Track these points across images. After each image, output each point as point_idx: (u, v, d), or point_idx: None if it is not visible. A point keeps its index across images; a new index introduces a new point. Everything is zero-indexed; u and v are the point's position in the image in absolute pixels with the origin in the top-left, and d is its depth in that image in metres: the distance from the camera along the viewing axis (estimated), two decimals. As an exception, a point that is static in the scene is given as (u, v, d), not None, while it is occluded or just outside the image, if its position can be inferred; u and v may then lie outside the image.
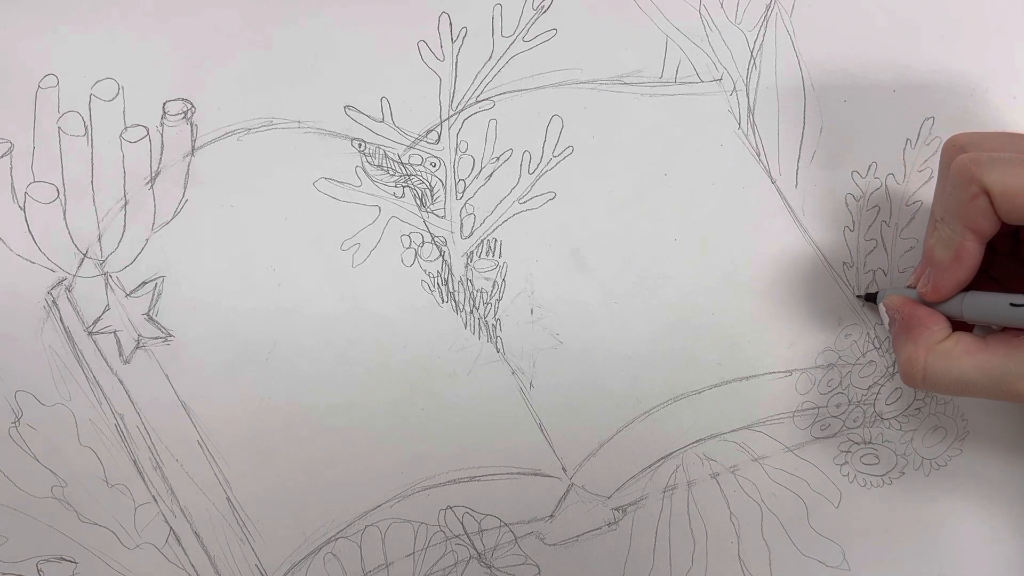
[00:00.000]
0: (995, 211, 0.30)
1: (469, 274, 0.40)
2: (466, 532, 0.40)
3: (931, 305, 0.34)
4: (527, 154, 0.40)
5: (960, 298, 0.33)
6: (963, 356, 0.32)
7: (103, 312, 0.40)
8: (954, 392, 0.33)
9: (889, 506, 0.40)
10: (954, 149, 0.33)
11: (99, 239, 0.40)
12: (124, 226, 0.40)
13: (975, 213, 0.31)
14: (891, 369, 0.40)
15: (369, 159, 0.40)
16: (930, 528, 0.40)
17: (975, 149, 0.32)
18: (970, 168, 0.30)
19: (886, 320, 0.37)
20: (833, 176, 0.40)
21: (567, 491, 0.40)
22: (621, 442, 0.40)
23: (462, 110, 0.41)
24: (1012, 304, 0.31)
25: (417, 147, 0.41)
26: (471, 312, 0.40)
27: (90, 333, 0.40)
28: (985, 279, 0.35)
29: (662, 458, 0.40)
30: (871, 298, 0.39)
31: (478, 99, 0.41)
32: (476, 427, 0.40)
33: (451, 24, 0.41)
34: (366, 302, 0.40)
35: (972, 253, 0.32)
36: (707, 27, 0.41)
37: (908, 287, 0.36)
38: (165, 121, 0.40)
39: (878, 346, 0.40)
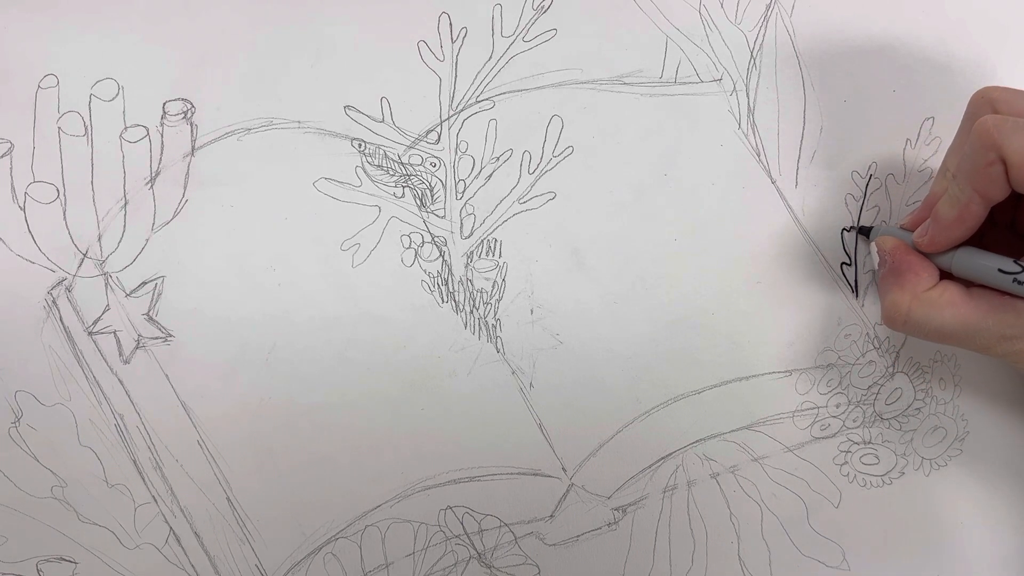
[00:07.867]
0: (1008, 180, 0.30)
1: (469, 274, 0.40)
2: (466, 532, 0.40)
3: (923, 253, 0.35)
4: (527, 154, 0.40)
5: (952, 253, 0.34)
6: (946, 307, 0.33)
7: (103, 312, 0.40)
8: (931, 339, 0.34)
9: (889, 506, 0.40)
10: (983, 103, 0.32)
11: (99, 239, 0.40)
12: (124, 226, 0.40)
13: (988, 179, 0.31)
14: (891, 369, 0.40)
15: (369, 159, 0.40)
16: (930, 528, 0.40)
17: (1005, 108, 0.32)
18: (992, 133, 0.30)
19: (876, 259, 0.37)
20: (833, 176, 0.40)
21: (567, 491, 0.40)
22: (621, 442, 0.40)
23: (462, 110, 0.41)
24: (1000, 270, 0.32)
25: (417, 147, 0.40)
26: (471, 312, 0.40)
27: (90, 333, 0.40)
28: (977, 245, 0.35)
29: (662, 458, 0.40)
30: (864, 231, 0.39)
31: (478, 99, 0.41)
32: (476, 427, 0.40)
33: (451, 24, 0.41)
34: (366, 302, 0.40)
35: (975, 215, 0.32)
36: (707, 27, 0.41)
37: (901, 227, 0.36)
38: (165, 121, 0.40)
39: (877, 346, 0.40)
